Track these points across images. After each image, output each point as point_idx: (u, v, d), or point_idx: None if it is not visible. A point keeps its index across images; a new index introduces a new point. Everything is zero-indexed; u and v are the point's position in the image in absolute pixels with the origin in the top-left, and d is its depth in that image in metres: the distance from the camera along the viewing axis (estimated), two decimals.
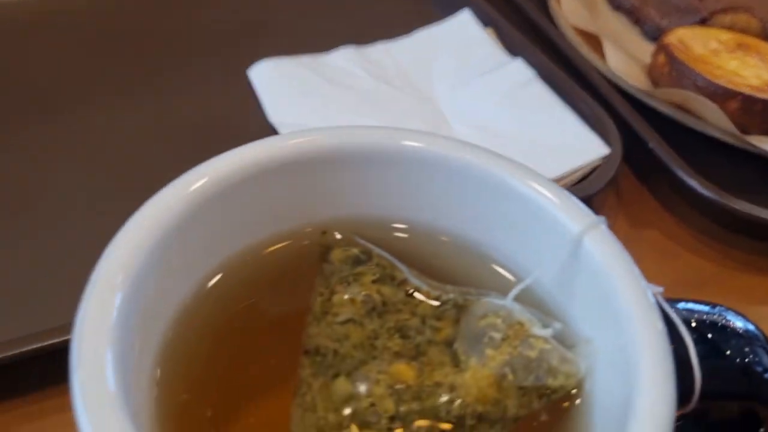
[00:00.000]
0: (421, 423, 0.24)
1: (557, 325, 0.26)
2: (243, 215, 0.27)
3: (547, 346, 0.26)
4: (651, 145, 0.54)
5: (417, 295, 0.28)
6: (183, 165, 0.54)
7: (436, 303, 0.28)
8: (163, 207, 0.24)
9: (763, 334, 0.28)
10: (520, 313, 0.27)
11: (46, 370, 0.40)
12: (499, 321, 0.26)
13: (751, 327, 0.28)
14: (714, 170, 0.55)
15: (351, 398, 0.25)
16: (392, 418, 0.24)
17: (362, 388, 0.25)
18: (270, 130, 0.54)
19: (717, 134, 0.55)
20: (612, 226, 0.58)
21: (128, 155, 0.52)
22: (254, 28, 0.65)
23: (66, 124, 0.54)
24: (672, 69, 0.59)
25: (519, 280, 0.28)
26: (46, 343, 0.39)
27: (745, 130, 0.57)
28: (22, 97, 0.56)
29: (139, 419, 0.22)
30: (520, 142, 0.54)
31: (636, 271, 0.25)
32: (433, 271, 0.29)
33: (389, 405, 0.24)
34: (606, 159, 0.53)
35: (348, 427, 0.24)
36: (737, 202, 0.52)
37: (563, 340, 0.26)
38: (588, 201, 0.54)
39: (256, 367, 0.26)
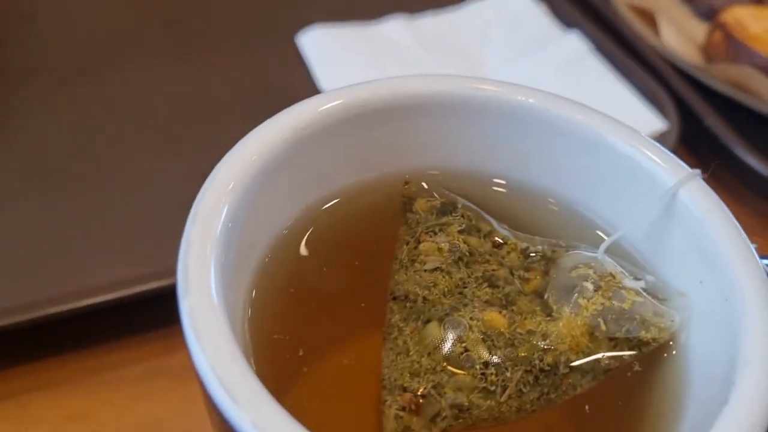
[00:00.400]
0: (515, 370, 0.24)
1: (649, 278, 0.26)
2: (342, 154, 0.27)
3: (639, 299, 0.26)
4: (707, 122, 0.54)
5: (504, 246, 0.28)
6: (229, 128, 0.54)
7: (523, 254, 0.27)
8: (268, 136, 0.24)
9: None
10: (611, 265, 0.26)
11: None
12: (591, 272, 0.26)
13: None
14: None
15: (444, 343, 0.24)
16: (486, 364, 0.24)
17: (455, 333, 0.25)
18: None
19: None
20: None
21: (174, 117, 0.52)
22: None
23: (115, 85, 0.54)
24: (729, 47, 0.58)
25: (609, 233, 0.27)
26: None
27: None
28: (73, 59, 0.56)
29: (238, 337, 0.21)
30: None
31: (735, 222, 0.25)
32: (520, 224, 0.28)
33: (483, 351, 0.24)
34: (663, 134, 0.52)
35: (442, 371, 0.24)
36: None
37: (655, 293, 0.26)
38: None
39: (344, 310, 0.26)
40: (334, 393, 0.24)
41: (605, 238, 0.27)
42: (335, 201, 0.28)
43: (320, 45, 0.57)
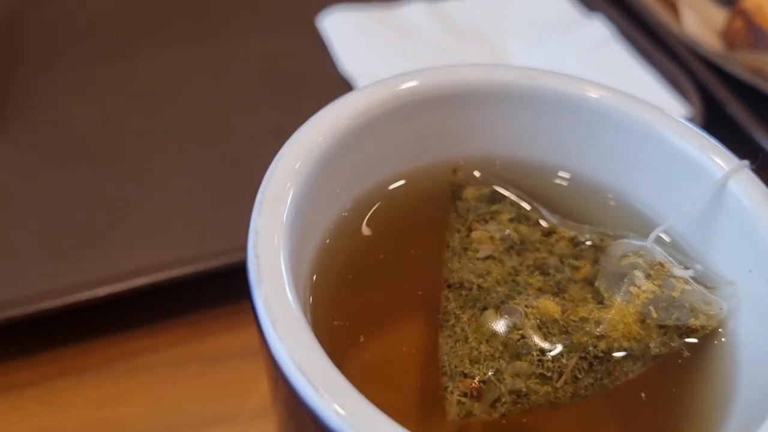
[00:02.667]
0: (570, 356, 0.25)
1: (698, 267, 0.27)
2: (396, 141, 0.27)
3: (689, 287, 0.26)
4: (730, 109, 0.54)
5: (553, 234, 0.28)
6: (251, 111, 0.53)
7: (572, 242, 0.28)
8: (329, 121, 0.25)
9: None
10: (660, 254, 0.27)
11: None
12: (640, 261, 0.27)
13: None
14: None
15: (501, 330, 0.25)
16: (542, 351, 0.25)
17: (511, 320, 0.25)
18: (340, 80, 0.54)
19: None
20: None
21: (194, 101, 0.52)
22: None
23: (132, 68, 0.54)
24: (750, 34, 0.58)
25: (657, 223, 0.28)
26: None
27: None
28: (90, 42, 0.56)
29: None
30: None
31: None
32: (569, 213, 0.29)
33: (539, 338, 0.25)
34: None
35: (500, 357, 0.24)
36: None
37: (704, 281, 0.27)
38: None
39: (400, 297, 0.27)
40: (394, 380, 0.25)
41: (654, 227, 0.28)
42: (392, 186, 0.28)
43: (341, 28, 0.57)
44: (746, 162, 0.27)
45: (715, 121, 0.56)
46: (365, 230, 0.27)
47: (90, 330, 0.41)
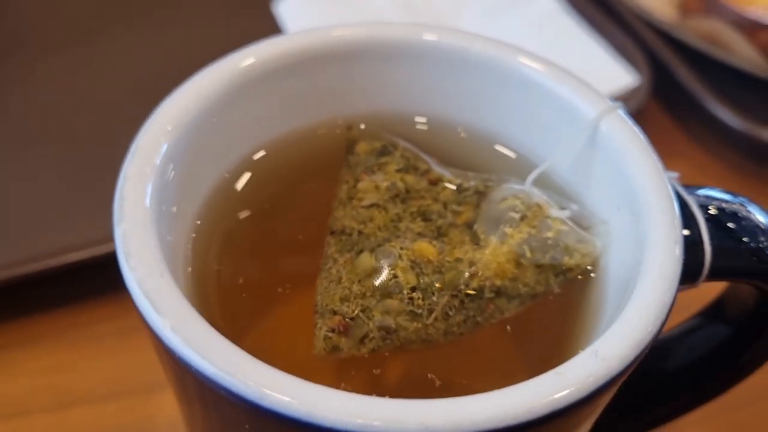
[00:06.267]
0: (441, 294, 0.25)
1: (574, 207, 0.27)
2: (278, 102, 0.28)
3: (564, 227, 0.27)
4: (679, 76, 0.54)
5: (440, 183, 0.29)
6: None
7: (457, 189, 0.29)
8: (209, 79, 0.26)
9: None
10: (538, 196, 0.28)
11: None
12: (518, 203, 0.27)
13: None
14: (743, 102, 0.54)
15: (374, 271, 0.26)
16: (413, 289, 0.25)
17: (385, 262, 0.26)
18: None
19: (746, 66, 0.55)
20: None
21: (151, 85, 0.53)
22: None
23: (94, 54, 0.55)
24: (703, 2, 0.58)
25: (537, 166, 0.29)
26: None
27: None
28: (54, 29, 0.58)
29: (176, 274, 0.23)
30: None
31: (651, 150, 0.26)
32: (453, 161, 0.30)
33: (411, 277, 0.26)
34: (634, 89, 0.53)
35: (371, 296, 0.25)
36: (765, 132, 0.52)
37: (580, 221, 0.27)
38: None
39: (285, 244, 0.28)
40: (270, 317, 0.26)
41: (535, 169, 0.28)
42: (276, 147, 0.29)
43: (297, 12, 0.58)
44: (619, 103, 0.27)
45: (665, 88, 0.56)
46: (249, 187, 0.28)
47: (38, 303, 0.43)
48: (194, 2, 0.61)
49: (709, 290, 0.32)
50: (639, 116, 0.56)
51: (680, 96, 0.55)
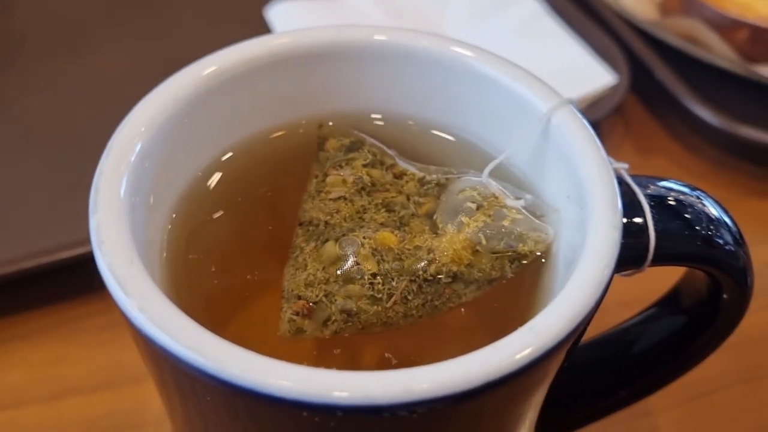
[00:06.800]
0: (401, 280, 0.27)
1: (528, 197, 0.29)
2: (248, 103, 0.30)
3: (519, 216, 0.28)
4: (658, 74, 0.56)
5: (404, 176, 0.31)
6: None
7: (420, 182, 0.30)
8: (180, 83, 0.28)
9: (738, 230, 0.29)
10: (495, 187, 0.29)
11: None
12: (475, 194, 0.29)
13: (725, 217, 0.29)
14: (721, 99, 0.56)
15: (338, 259, 0.28)
16: (374, 275, 0.27)
17: (349, 250, 0.28)
18: None
19: (724, 64, 0.56)
20: (619, 153, 0.60)
21: (144, 91, 0.56)
22: None
23: (91, 64, 0.58)
24: (681, 1, 0.60)
25: (495, 159, 0.30)
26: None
27: (754, 60, 0.57)
28: (51, 42, 0.60)
29: (151, 265, 0.25)
30: None
31: (598, 143, 0.27)
32: (418, 156, 0.31)
33: (372, 264, 0.27)
34: (613, 87, 0.54)
35: (335, 281, 0.27)
36: (742, 128, 0.53)
37: (534, 210, 0.29)
38: (595, 127, 0.55)
39: (256, 236, 0.29)
40: (241, 301, 0.28)
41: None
42: (248, 146, 0.31)
43: (287, 18, 0.60)
44: (569, 99, 0.29)
45: (645, 86, 0.58)
46: (227, 181, 0.30)
47: (35, 299, 0.44)
48: (190, 10, 0.63)
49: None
50: (619, 113, 0.58)
51: (660, 94, 0.56)
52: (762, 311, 0.47)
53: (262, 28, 0.60)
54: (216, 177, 0.30)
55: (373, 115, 0.32)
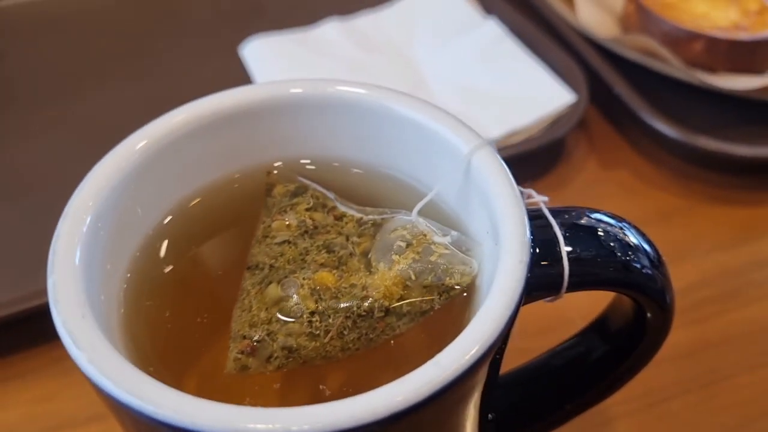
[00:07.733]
0: (336, 316, 0.30)
1: (454, 233, 0.31)
2: (201, 157, 0.33)
3: (446, 251, 0.31)
4: (616, 90, 0.58)
5: (344, 218, 0.33)
6: None
7: (359, 223, 0.33)
8: (123, 154, 0.31)
9: (657, 253, 0.31)
10: (423, 225, 0.32)
11: None
12: (405, 233, 0.31)
13: (646, 244, 0.31)
14: (680, 111, 0.58)
15: (280, 300, 0.30)
16: (312, 313, 0.30)
17: (290, 291, 0.30)
18: None
19: (681, 75, 0.58)
20: (584, 168, 0.62)
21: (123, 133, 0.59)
22: (244, 6, 0.71)
23: (79, 108, 0.61)
24: (641, 17, 0.62)
25: (425, 197, 0.33)
26: None
27: (712, 70, 0.59)
28: (40, 89, 0.64)
29: (109, 318, 0.28)
30: (493, 97, 0.58)
31: (512, 183, 0.30)
32: (359, 198, 0.34)
33: (311, 303, 0.30)
34: (573, 105, 0.57)
35: (276, 321, 0.30)
36: (700, 139, 0.55)
37: (460, 246, 0.31)
38: (559, 144, 0.58)
39: (209, 283, 0.32)
40: (192, 344, 0.30)
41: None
42: (199, 199, 0.34)
43: (261, 55, 0.63)
44: (488, 140, 0.31)
45: (606, 102, 0.60)
46: (176, 236, 0.33)
47: (29, 339, 0.48)
48: (170, 53, 0.66)
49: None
50: (583, 129, 0.60)
51: (621, 109, 0.58)
52: (720, 316, 0.48)
53: (238, 64, 0.63)
54: (166, 234, 0.33)
55: (304, 161, 0.35)
